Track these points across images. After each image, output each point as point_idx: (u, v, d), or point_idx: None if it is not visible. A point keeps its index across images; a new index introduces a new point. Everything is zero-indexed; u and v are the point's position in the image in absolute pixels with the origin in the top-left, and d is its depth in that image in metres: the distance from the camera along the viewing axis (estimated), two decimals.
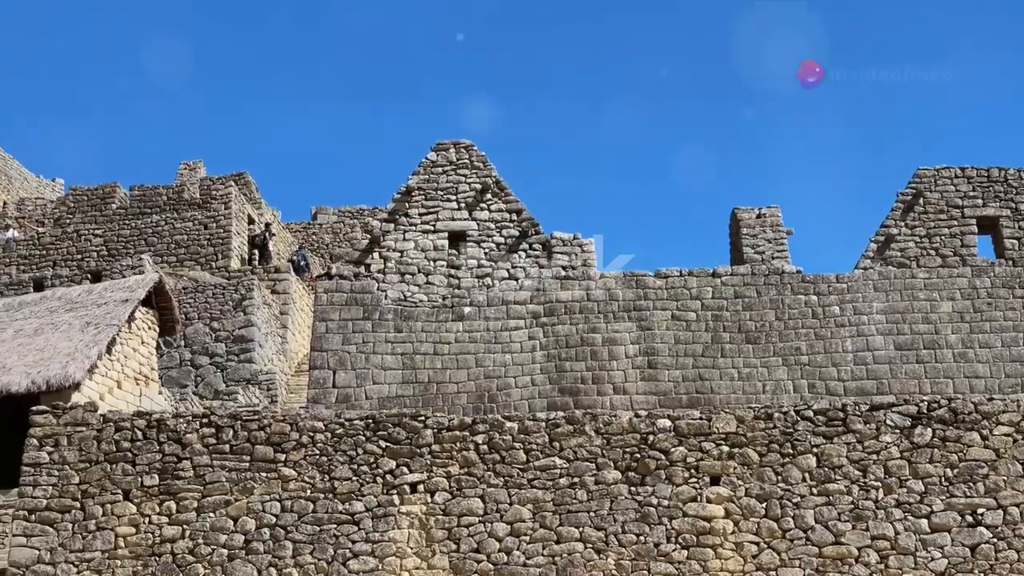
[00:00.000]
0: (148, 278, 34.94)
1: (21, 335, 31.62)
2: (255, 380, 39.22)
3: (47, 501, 20.72)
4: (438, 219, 30.30)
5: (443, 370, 28.64)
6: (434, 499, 20.71)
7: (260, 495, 20.71)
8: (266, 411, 22.09)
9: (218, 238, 47.21)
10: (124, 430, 21.31)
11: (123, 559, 20.27)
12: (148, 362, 32.55)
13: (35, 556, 20.33)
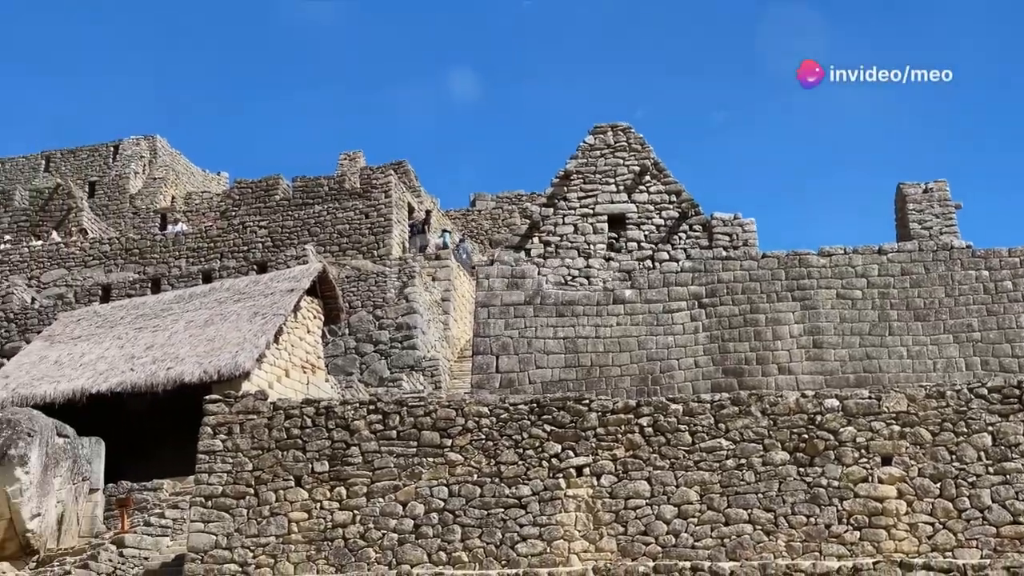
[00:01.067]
0: (312, 268, 35.53)
1: (192, 326, 32.39)
2: (419, 367, 39.60)
3: (222, 488, 21.18)
4: (597, 202, 30.23)
5: (605, 353, 28.60)
6: (600, 482, 20.71)
7: (428, 480, 20.90)
8: (431, 397, 22.30)
9: (379, 227, 47.72)
10: (294, 418, 21.68)
11: (296, 544, 20.64)
12: (314, 350, 33.10)
13: (212, 541, 20.81)
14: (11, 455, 24.84)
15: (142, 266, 48.06)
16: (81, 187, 64.02)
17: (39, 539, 25.26)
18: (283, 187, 53.38)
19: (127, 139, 69.95)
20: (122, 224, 61.35)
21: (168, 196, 65.36)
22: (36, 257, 50.05)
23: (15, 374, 32.58)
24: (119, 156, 68.63)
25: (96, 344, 33.16)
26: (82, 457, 27.00)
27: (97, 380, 30.67)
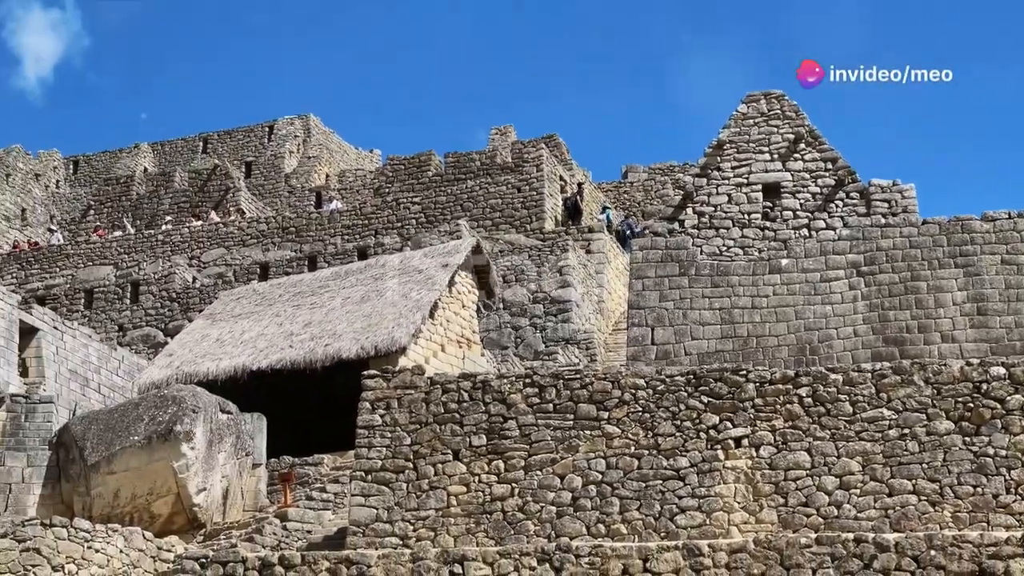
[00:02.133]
0: (466, 243, 35.67)
1: (349, 303, 32.75)
2: (574, 340, 39.58)
3: (382, 462, 21.36)
4: (751, 171, 29.80)
5: (762, 323, 28.22)
6: (759, 453, 20.45)
7: (585, 453, 20.85)
8: (587, 370, 22.23)
9: (531, 201, 47.78)
10: (451, 392, 21.77)
11: (456, 517, 20.75)
12: (469, 325, 33.25)
13: (373, 515, 21.01)
14: (177, 431, 25.42)
15: (298, 244, 48.77)
16: (238, 167, 65.21)
17: (205, 513, 25.84)
18: (435, 163, 53.71)
19: (281, 119, 71.08)
20: (278, 203, 62.41)
21: (322, 174, 66.26)
22: (196, 237, 51.11)
23: (179, 352, 33.29)
24: (274, 136, 69.76)
25: (255, 322, 33.71)
26: (245, 433, 27.53)
27: (257, 357, 31.20)
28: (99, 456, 25.75)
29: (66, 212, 66.54)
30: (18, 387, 32.18)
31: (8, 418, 31.00)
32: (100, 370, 36.96)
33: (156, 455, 25.48)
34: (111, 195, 64.55)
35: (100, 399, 35.47)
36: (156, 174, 66.48)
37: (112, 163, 72.77)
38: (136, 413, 26.27)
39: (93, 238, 55.28)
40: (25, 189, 66.63)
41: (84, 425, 26.65)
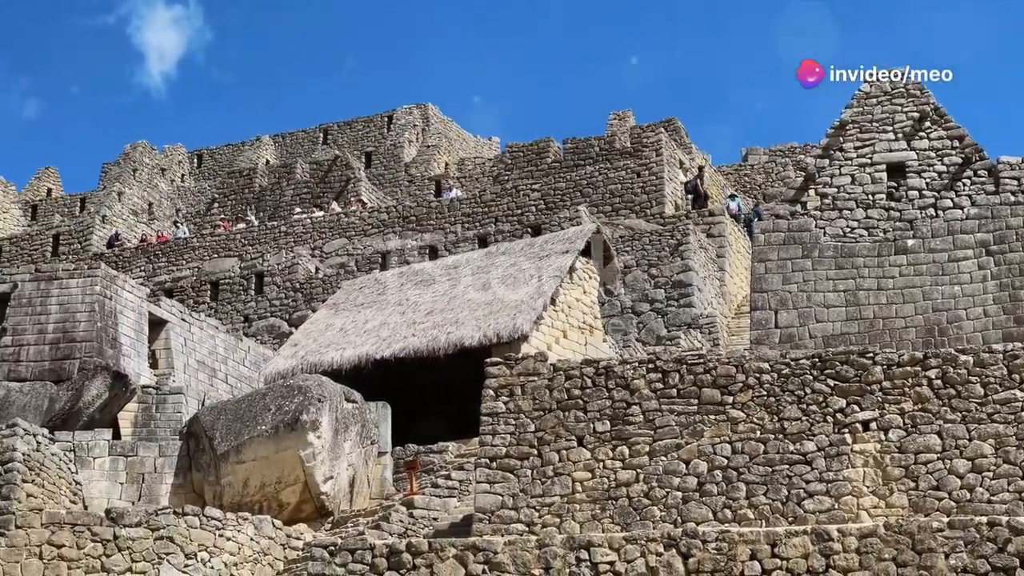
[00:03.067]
0: (586, 229, 35.60)
1: (470, 290, 32.86)
2: (696, 324, 39.32)
3: (506, 449, 21.40)
4: (875, 151, 29.33)
5: (888, 305, 27.78)
6: (888, 437, 20.15)
7: (710, 438, 20.70)
8: (711, 354, 22.06)
9: (651, 185, 47.54)
10: (574, 378, 21.74)
11: (581, 503, 20.72)
12: (591, 311, 33.17)
13: (499, 502, 21.07)
14: (303, 420, 25.71)
15: (419, 233, 48.97)
16: (358, 158, 65.75)
17: (333, 501, 26.11)
18: (554, 149, 53.63)
19: (400, 109, 71.48)
20: (398, 192, 62.80)
21: (442, 163, 66.52)
22: (318, 228, 51.58)
23: (303, 342, 33.66)
24: (393, 126, 70.16)
25: (378, 311, 33.95)
26: (370, 421, 27.76)
27: (381, 346, 31.41)
28: (228, 446, 26.14)
29: (191, 205, 67.61)
30: (149, 379, 32.79)
31: (140, 409, 31.69)
32: (227, 361, 37.51)
33: (283, 444, 25.79)
34: (234, 188, 65.47)
35: (228, 389, 36.01)
36: (278, 166, 67.28)
37: (235, 156, 73.78)
38: (263, 403, 26.61)
39: (218, 230, 56.09)
40: (151, 184, 67.80)
41: (213, 415, 27.07)
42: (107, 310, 31.89)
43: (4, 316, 31.57)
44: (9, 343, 31.06)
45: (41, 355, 30.98)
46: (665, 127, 54.09)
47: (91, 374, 30.63)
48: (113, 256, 52.95)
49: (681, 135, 57.12)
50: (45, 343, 31.12)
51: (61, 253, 56.90)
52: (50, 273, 32.36)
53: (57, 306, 31.59)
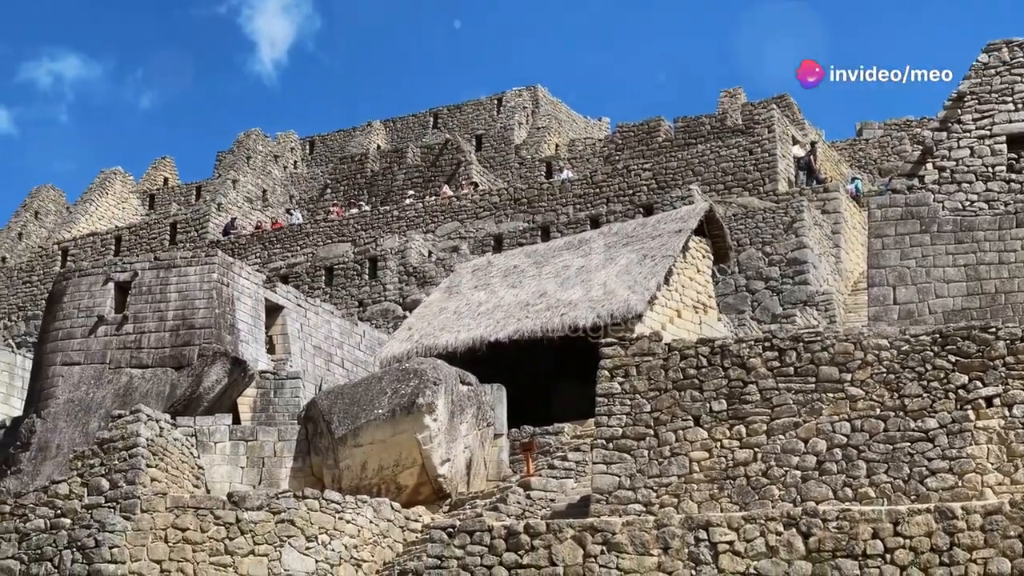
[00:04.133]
0: (698, 207, 35.33)
1: (583, 271, 32.77)
2: (811, 301, 38.91)
3: (622, 429, 21.35)
4: (994, 123, 28.70)
5: (1010, 279, 27.20)
6: (1012, 412, 19.75)
7: (828, 416, 20.46)
8: (828, 331, 21.78)
9: (763, 162, 47.03)
10: (689, 358, 21.62)
11: (698, 483, 20.61)
12: (705, 290, 32.93)
13: (616, 482, 21.03)
14: (419, 403, 25.84)
15: (531, 215, 49.01)
16: (468, 141, 65.92)
17: (450, 483, 26.23)
18: (665, 128, 53.34)
19: (510, 91, 71.56)
20: (509, 175, 62.87)
21: (552, 144, 66.48)
22: (430, 211, 51.83)
23: (418, 325, 33.81)
24: (503, 108, 70.24)
25: (491, 293, 33.99)
26: (485, 404, 27.83)
27: (495, 328, 31.45)
28: (345, 429, 26.37)
29: (304, 192, 68.29)
30: (267, 364, 33.18)
31: (258, 394, 32.09)
32: (343, 345, 37.84)
33: (400, 427, 25.96)
34: (347, 173, 66.01)
35: (344, 374, 36.32)
36: (389, 151, 67.71)
37: (346, 142, 74.37)
38: (379, 387, 26.80)
39: (331, 216, 56.59)
40: (265, 171, 68.59)
41: (330, 400, 27.32)
42: (224, 297, 32.30)
43: (125, 304, 32.10)
44: (131, 331, 31.59)
45: (162, 342, 31.46)
46: (777, 103, 53.47)
47: (210, 360, 31.06)
48: (229, 243, 53.68)
49: (793, 111, 56.42)
50: (165, 330, 31.60)
51: (178, 241, 57.78)
52: (169, 261, 32.85)
53: (176, 294, 32.05)
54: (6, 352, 37.21)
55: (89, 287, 32.47)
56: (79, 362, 31.39)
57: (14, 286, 56.07)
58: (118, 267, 32.88)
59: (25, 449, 29.63)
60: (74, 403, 30.51)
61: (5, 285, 56.23)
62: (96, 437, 24.60)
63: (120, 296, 32.30)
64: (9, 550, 22.62)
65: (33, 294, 54.57)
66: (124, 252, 55.40)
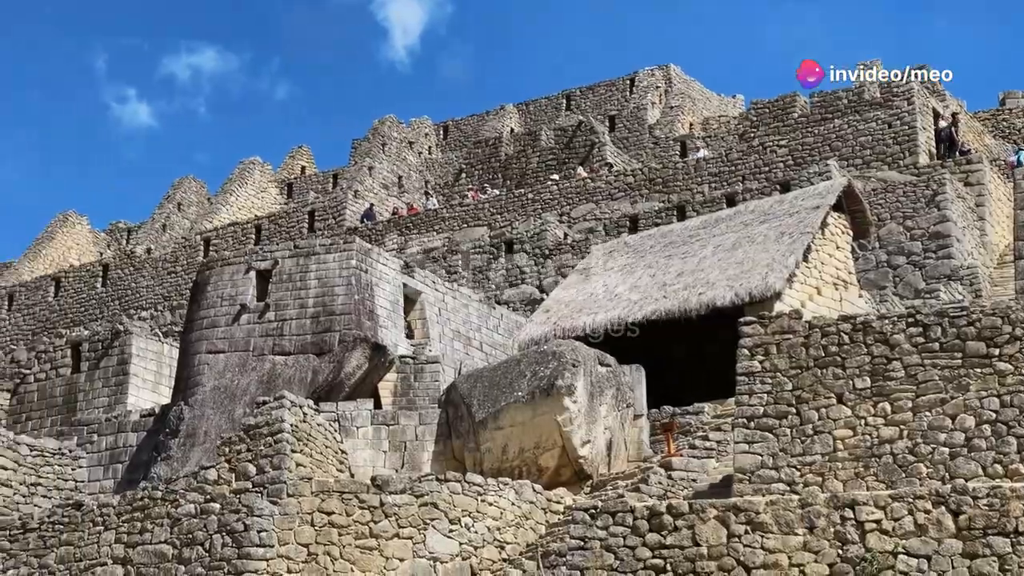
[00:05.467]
0: (836, 183, 34.82)
1: (720, 250, 32.52)
2: (956, 276, 38.13)
3: (763, 408, 21.16)
4: None
5: None
6: None
7: (976, 392, 20.04)
8: (974, 306, 21.33)
9: (903, 135, 46.12)
10: (830, 335, 21.34)
11: (843, 461, 20.34)
12: (845, 267, 32.46)
13: (758, 462, 20.84)
14: (558, 386, 25.89)
15: (666, 195, 48.75)
16: (601, 122, 65.70)
17: (591, 464, 26.24)
18: (800, 104, 52.62)
19: (642, 71, 71.23)
20: (643, 155, 62.56)
21: (686, 123, 66.04)
22: (565, 194, 51.78)
23: (555, 308, 33.83)
24: (635, 88, 69.94)
25: (628, 274, 33.89)
26: (624, 385, 27.77)
27: (632, 309, 31.35)
28: (486, 412, 26.52)
29: (439, 177, 68.68)
30: (406, 349, 33.41)
31: (399, 379, 32.35)
32: (481, 329, 37.97)
33: (540, 410, 26.03)
34: (481, 157, 66.24)
35: (482, 357, 36.45)
36: (522, 134, 67.76)
37: (479, 126, 74.63)
38: (518, 370, 26.89)
39: (466, 200, 56.83)
40: (400, 157, 69.09)
41: (470, 383, 27.48)
42: (363, 283, 32.59)
43: (267, 292, 32.54)
44: (272, 318, 32.02)
45: (303, 329, 31.83)
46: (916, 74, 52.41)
47: (351, 346, 31.37)
48: (366, 230, 54.18)
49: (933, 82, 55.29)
50: (306, 317, 31.96)
51: (316, 229, 58.45)
52: (308, 249, 33.21)
53: (316, 281, 32.41)
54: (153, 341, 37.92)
55: (231, 276, 32.96)
56: (223, 350, 31.90)
57: (159, 277, 57.21)
58: (259, 256, 33.31)
59: (174, 436, 30.24)
60: (220, 390, 31.03)
61: (151, 276, 57.41)
62: (242, 423, 25.03)
63: (261, 284, 32.74)
64: (162, 535, 23.15)
65: (177, 284, 55.62)
66: (264, 241, 56.24)
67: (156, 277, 57.33)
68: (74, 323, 55.87)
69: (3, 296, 60.57)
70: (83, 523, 24.22)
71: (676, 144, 61.58)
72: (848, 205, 33.41)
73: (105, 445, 31.96)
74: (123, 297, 57.10)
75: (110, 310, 56.41)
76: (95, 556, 23.79)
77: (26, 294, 59.98)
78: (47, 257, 70.45)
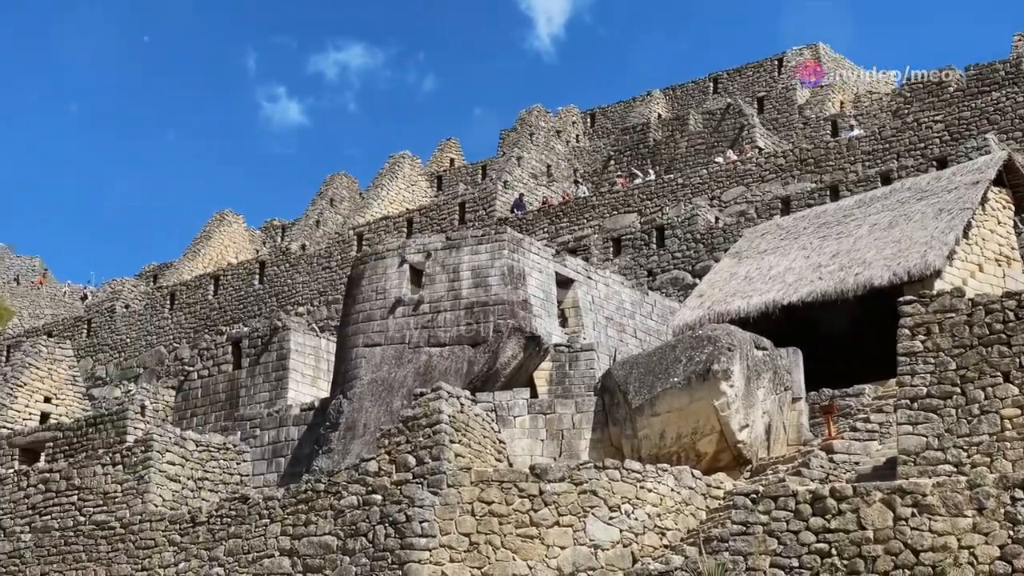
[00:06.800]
0: (996, 157, 34.00)
1: (876, 229, 32.00)
2: None
3: (927, 388, 20.75)
4: None
5: None
6: None
7: None
8: None
9: None
10: (994, 312, 20.85)
11: (1012, 441, 19.84)
12: (1007, 242, 31.70)
13: (923, 443, 20.45)
14: (715, 370, 25.71)
15: (818, 175, 48.11)
16: (750, 104, 65.07)
17: (750, 449, 26.03)
18: (956, 78, 51.50)
19: (790, 51, 70.43)
20: (793, 136, 61.80)
21: (836, 102, 65.07)
22: (715, 177, 51.39)
23: (708, 292, 33.63)
24: (784, 69, 69.15)
25: (782, 256, 33.54)
26: (781, 368, 27.48)
27: (787, 292, 31.02)
28: (642, 399, 26.44)
29: (588, 164, 68.68)
30: (560, 337, 33.46)
31: (554, 367, 32.41)
32: (634, 315, 37.87)
33: (696, 395, 25.89)
34: (629, 144, 66.10)
35: (636, 343, 36.36)
36: (670, 119, 67.45)
37: (626, 112, 74.46)
38: (673, 355, 26.77)
39: (616, 187, 56.72)
40: (548, 146, 69.22)
41: (625, 370, 27.42)
42: (516, 273, 32.69)
43: (420, 285, 32.81)
44: (427, 310, 32.28)
45: (457, 320, 32.04)
46: None
47: (505, 336, 31.49)
48: (517, 220, 54.38)
49: None
50: (460, 308, 32.16)
51: (467, 220, 58.87)
52: (460, 240, 33.41)
53: (468, 272, 32.59)
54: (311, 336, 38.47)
55: (385, 270, 33.30)
56: (379, 343, 32.25)
57: (314, 272, 58.10)
58: (412, 249, 33.60)
59: (334, 429, 30.66)
60: (377, 383, 31.38)
61: (306, 272, 58.33)
62: (400, 415, 25.29)
63: (415, 277, 33.03)
64: (326, 526, 23.54)
65: (332, 279, 56.45)
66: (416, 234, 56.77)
67: (311, 273, 58.23)
68: (233, 320, 57.00)
69: (165, 296, 62.05)
70: (250, 516, 24.75)
71: (827, 124, 60.71)
72: (1009, 179, 32.62)
73: (267, 439, 32.60)
74: (280, 293, 58.12)
75: (268, 306, 57.45)
76: (262, 548, 24.29)
77: (187, 293, 61.37)
78: (206, 256, 72.08)
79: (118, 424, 33.05)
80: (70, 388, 44.17)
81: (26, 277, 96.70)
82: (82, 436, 33.59)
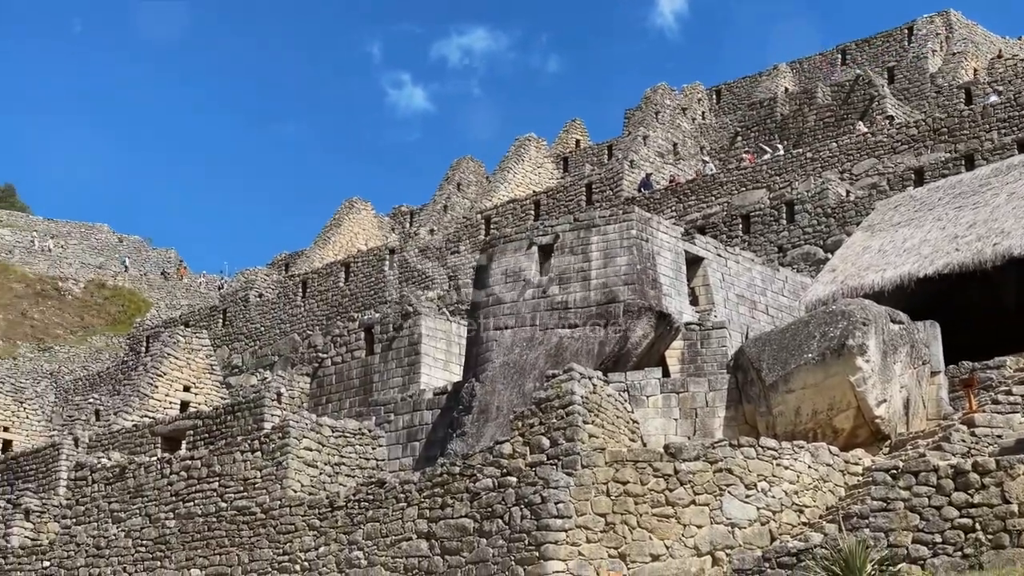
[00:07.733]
0: None
1: (1014, 198, 31.30)
2: None
3: None
4: None
5: None
6: None
7: None
8: None
9: None
10: None
11: None
12: None
13: None
14: (849, 345, 25.33)
15: (952, 144, 47.18)
16: (880, 74, 64.03)
17: (888, 424, 25.60)
18: None
19: (919, 19, 69.22)
20: (925, 105, 60.69)
21: (970, 69, 63.77)
22: (845, 150, 50.65)
23: (840, 266, 33.17)
24: (914, 37, 67.99)
25: (916, 228, 32.97)
26: (919, 341, 26.99)
27: (922, 264, 30.50)
28: (776, 376, 26.15)
29: (714, 142, 68.16)
30: (691, 316, 33.23)
31: (685, 346, 32.22)
32: (765, 292, 37.47)
33: (831, 371, 25.53)
34: (756, 119, 65.49)
35: (768, 320, 35.96)
36: (797, 92, 66.66)
37: (752, 88, 73.73)
38: (807, 331, 26.42)
39: (744, 163, 56.20)
40: (674, 124, 68.82)
41: (758, 347, 27.14)
42: (645, 252, 32.50)
43: (549, 267, 32.78)
44: (556, 292, 32.23)
45: (587, 301, 31.94)
46: None
47: (636, 316, 31.32)
48: (644, 199, 54.14)
49: None
50: (589, 289, 32.06)
51: (594, 201, 58.75)
52: (588, 221, 33.28)
53: (597, 253, 32.46)
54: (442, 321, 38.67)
55: (514, 253, 33.32)
56: (510, 326, 32.28)
57: (443, 257, 58.45)
58: (540, 231, 33.57)
59: (467, 412, 30.80)
60: (509, 366, 31.44)
61: (435, 257, 58.68)
62: (533, 397, 25.29)
63: (544, 259, 33.01)
64: (462, 509, 23.66)
65: (461, 264, 56.72)
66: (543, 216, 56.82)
67: (440, 258, 58.56)
68: (364, 307, 57.56)
69: (298, 284, 62.87)
70: (387, 500, 24.97)
71: (960, 92, 59.49)
72: None
73: (402, 424, 32.86)
74: (410, 279, 58.55)
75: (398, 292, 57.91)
76: (400, 531, 24.49)
77: (318, 280, 62.09)
78: (336, 243, 72.87)
79: (255, 411, 33.62)
80: (208, 377, 45.06)
81: (164, 269, 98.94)
82: (221, 424, 34.22)
